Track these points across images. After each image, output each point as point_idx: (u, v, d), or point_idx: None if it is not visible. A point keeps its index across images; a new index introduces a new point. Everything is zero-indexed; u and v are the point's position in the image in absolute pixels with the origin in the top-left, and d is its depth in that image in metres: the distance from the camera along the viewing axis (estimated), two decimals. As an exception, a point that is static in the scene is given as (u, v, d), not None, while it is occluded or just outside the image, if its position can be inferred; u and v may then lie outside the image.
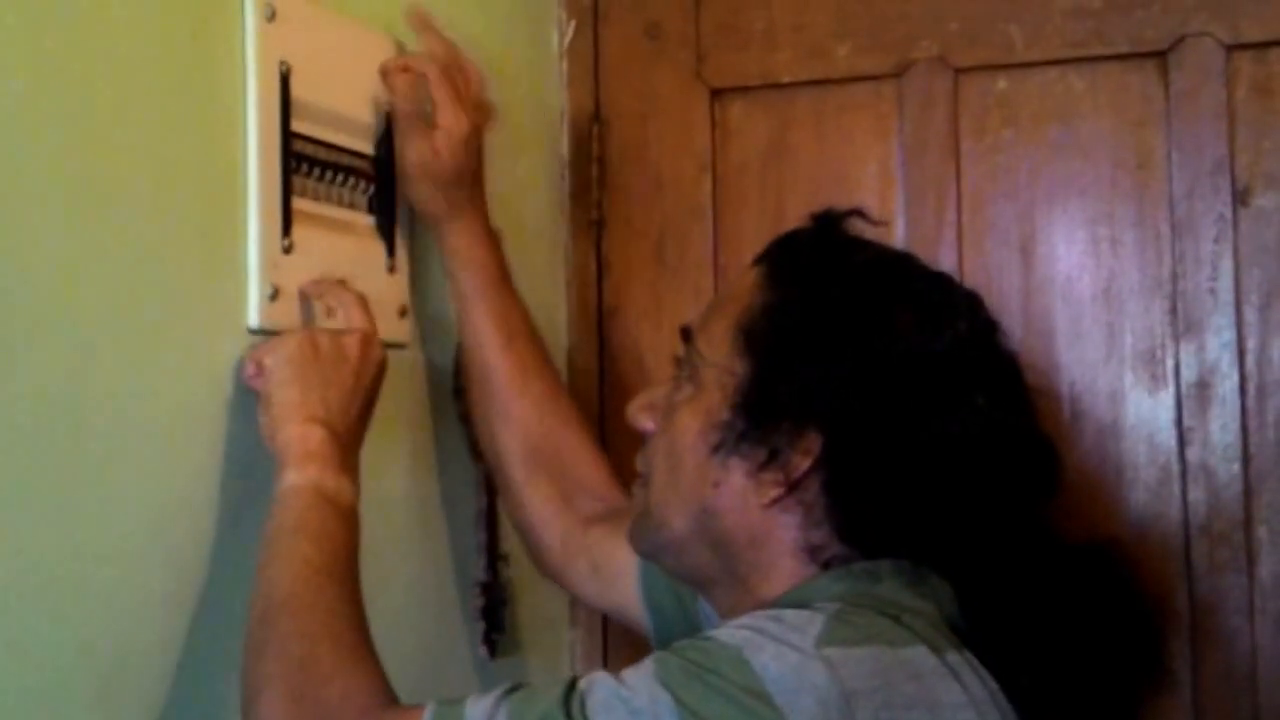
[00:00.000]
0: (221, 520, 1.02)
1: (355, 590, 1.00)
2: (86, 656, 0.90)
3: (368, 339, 1.11)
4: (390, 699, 0.93)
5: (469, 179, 1.27)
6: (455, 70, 1.26)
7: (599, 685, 0.88)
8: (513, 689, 0.90)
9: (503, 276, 1.32)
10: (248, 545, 1.00)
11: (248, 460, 1.04)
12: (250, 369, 1.05)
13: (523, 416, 1.30)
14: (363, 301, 1.14)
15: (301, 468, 1.01)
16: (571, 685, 0.88)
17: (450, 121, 1.23)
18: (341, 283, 1.16)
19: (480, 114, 1.28)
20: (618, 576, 1.25)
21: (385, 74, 1.23)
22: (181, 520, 1.00)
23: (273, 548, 0.99)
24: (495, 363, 1.30)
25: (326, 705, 0.91)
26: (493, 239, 1.32)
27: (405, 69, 1.23)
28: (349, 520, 1.03)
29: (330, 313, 1.14)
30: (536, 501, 1.31)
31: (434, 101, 1.23)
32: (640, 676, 0.87)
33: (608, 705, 0.86)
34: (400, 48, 1.26)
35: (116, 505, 0.93)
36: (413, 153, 1.24)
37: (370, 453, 1.11)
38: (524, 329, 1.33)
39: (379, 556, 1.14)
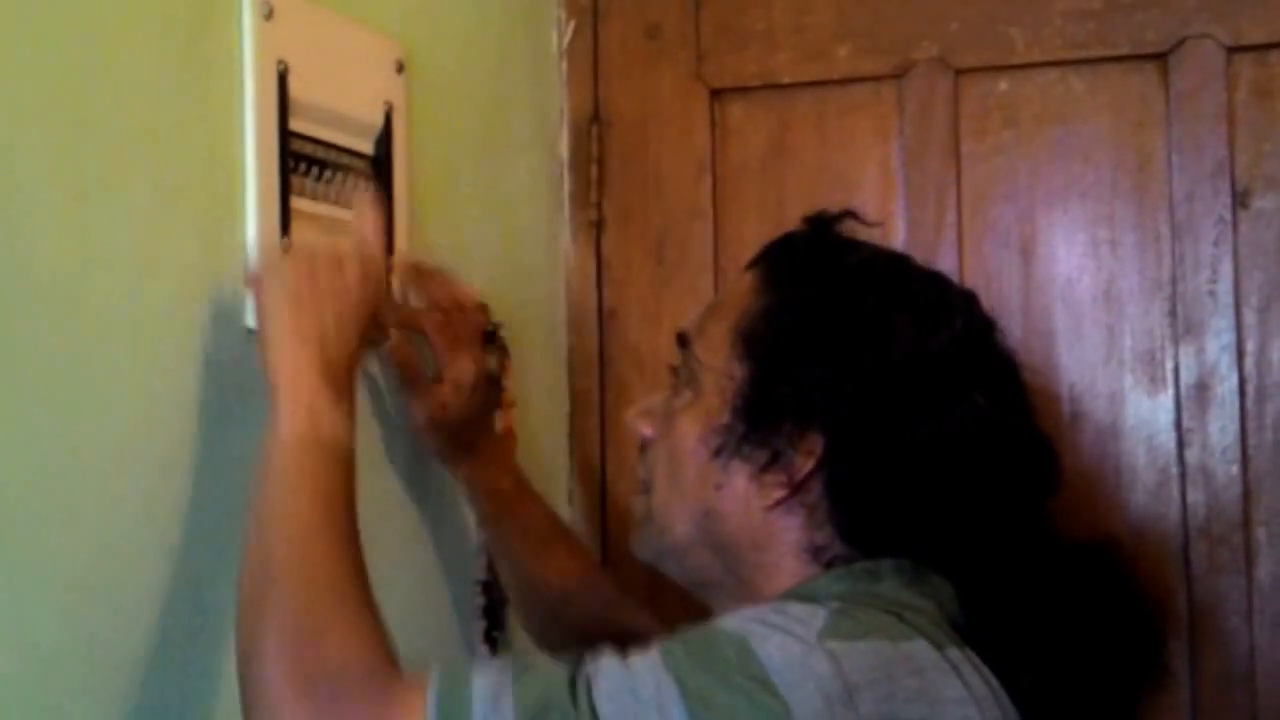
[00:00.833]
0: (220, 519, 1.02)
1: (354, 543, 0.96)
2: (85, 650, 0.90)
3: (369, 251, 1.06)
4: (393, 661, 0.90)
5: (479, 421, 1.27)
6: (454, 311, 1.24)
7: (605, 673, 0.86)
8: (519, 671, 0.87)
9: (522, 491, 1.32)
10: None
11: (246, 459, 1.03)
12: (252, 284, 1.03)
13: (578, 619, 1.30)
14: (379, 201, 1.10)
15: (293, 401, 0.97)
16: (577, 669, 0.87)
17: (455, 372, 1.23)
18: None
19: (487, 352, 1.26)
20: None
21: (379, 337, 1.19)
22: (181, 519, 0.99)
23: (267, 497, 0.95)
24: (536, 576, 1.30)
25: (328, 666, 0.88)
26: (506, 457, 1.31)
27: (401, 325, 1.21)
28: (344, 464, 0.98)
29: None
30: None
31: (435, 353, 1.23)
32: (646, 664, 0.87)
33: (614, 694, 0.85)
34: (400, 50, 1.26)
35: (117, 504, 0.93)
36: (420, 412, 1.24)
37: (370, 450, 1.11)
38: (553, 533, 1.33)
39: (380, 554, 1.13)
